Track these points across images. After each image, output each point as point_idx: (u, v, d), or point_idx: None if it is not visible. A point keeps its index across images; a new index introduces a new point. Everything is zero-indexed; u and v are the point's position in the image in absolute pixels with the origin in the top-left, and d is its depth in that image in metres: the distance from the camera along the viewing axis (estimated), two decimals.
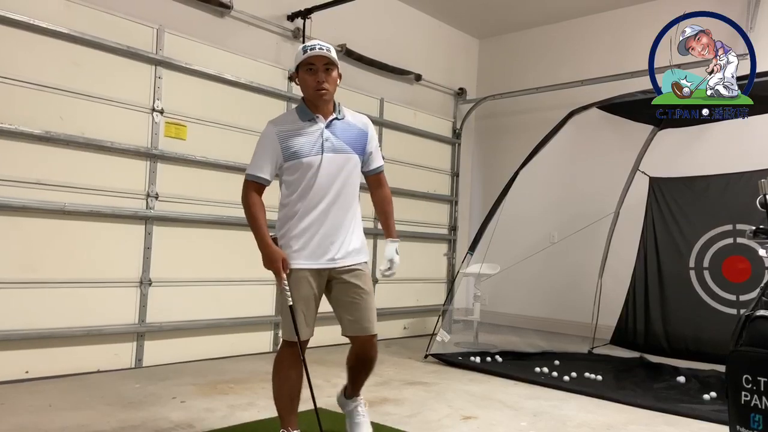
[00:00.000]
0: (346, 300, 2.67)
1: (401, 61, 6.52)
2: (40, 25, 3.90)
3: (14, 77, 3.83)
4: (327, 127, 2.63)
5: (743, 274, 4.88)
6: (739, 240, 4.92)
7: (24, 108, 3.86)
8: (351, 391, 2.91)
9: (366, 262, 2.74)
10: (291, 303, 2.56)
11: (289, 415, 2.64)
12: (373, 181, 2.86)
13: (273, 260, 2.55)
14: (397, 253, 2.81)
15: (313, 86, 2.57)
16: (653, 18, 6.09)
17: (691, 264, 5.19)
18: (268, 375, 2.75)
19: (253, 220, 2.60)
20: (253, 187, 2.62)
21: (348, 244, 2.65)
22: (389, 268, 2.79)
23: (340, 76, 2.65)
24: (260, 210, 2.62)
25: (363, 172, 2.80)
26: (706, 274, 5.10)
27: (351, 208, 2.68)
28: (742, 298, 4.84)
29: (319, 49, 2.54)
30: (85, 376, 4.01)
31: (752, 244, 4.67)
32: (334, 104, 2.69)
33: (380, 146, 2.98)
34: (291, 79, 2.69)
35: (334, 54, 2.59)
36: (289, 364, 2.63)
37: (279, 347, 2.76)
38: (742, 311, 2.45)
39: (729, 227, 5.01)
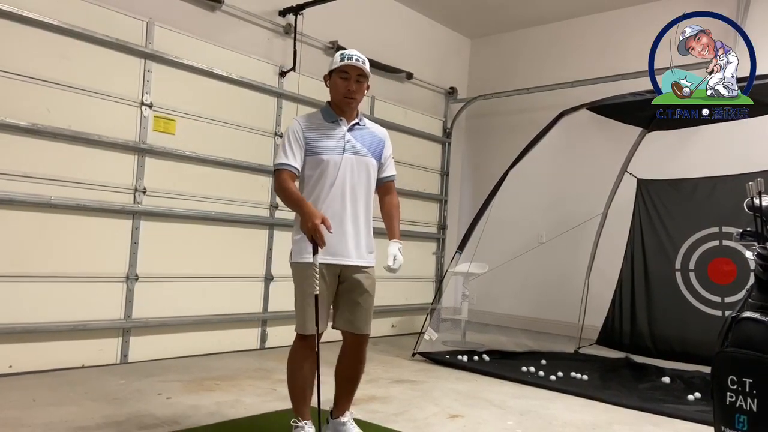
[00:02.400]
0: (350, 298, 2.74)
1: (393, 59, 6.50)
2: (28, 16, 3.86)
3: (1, 68, 3.77)
4: (349, 130, 2.77)
5: (728, 276, 4.92)
6: (725, 242, 4.96)
7: (10, 99, 3.81)
8: (339, 405, 2.87)
9: (373, 267, 2.81)
10: (317, 292, 2.55)
11: (302, 406, 2.71)
12: (384, 189, 2.93)
13: (313, 215, 2.51)
14: (400, 252, 2.83)
15: (342, 92, 2.72)
16: (644, 20, 6.13)
17: (677, 265, 5.23)
18: (256, 372, 2.75)
19: (287, 193, 2.62)
20: (285, 173, 2.67)
21: (362, 245, 2.74)
22: (393, 262, 2.77)
23: (368, 87, 2.79)
24: (293, 185, 2.66)
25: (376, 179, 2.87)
26: (692, 275, 5.14)
27: (367, 210, 2.77)
28: (727, 300, 4.88)
29: (356, 60, 2.69)
30: (69, 372, 3.97)
31: (738, 246, 4.72)
32: (357, 112, 2.83)
33: None
34: (324, 80, 2.82)
35: (368, 67, 2.73)
36: (302, 356, 2.69)
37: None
38: (727, 313, 2.47)
39: (715, 229, 5.05)
